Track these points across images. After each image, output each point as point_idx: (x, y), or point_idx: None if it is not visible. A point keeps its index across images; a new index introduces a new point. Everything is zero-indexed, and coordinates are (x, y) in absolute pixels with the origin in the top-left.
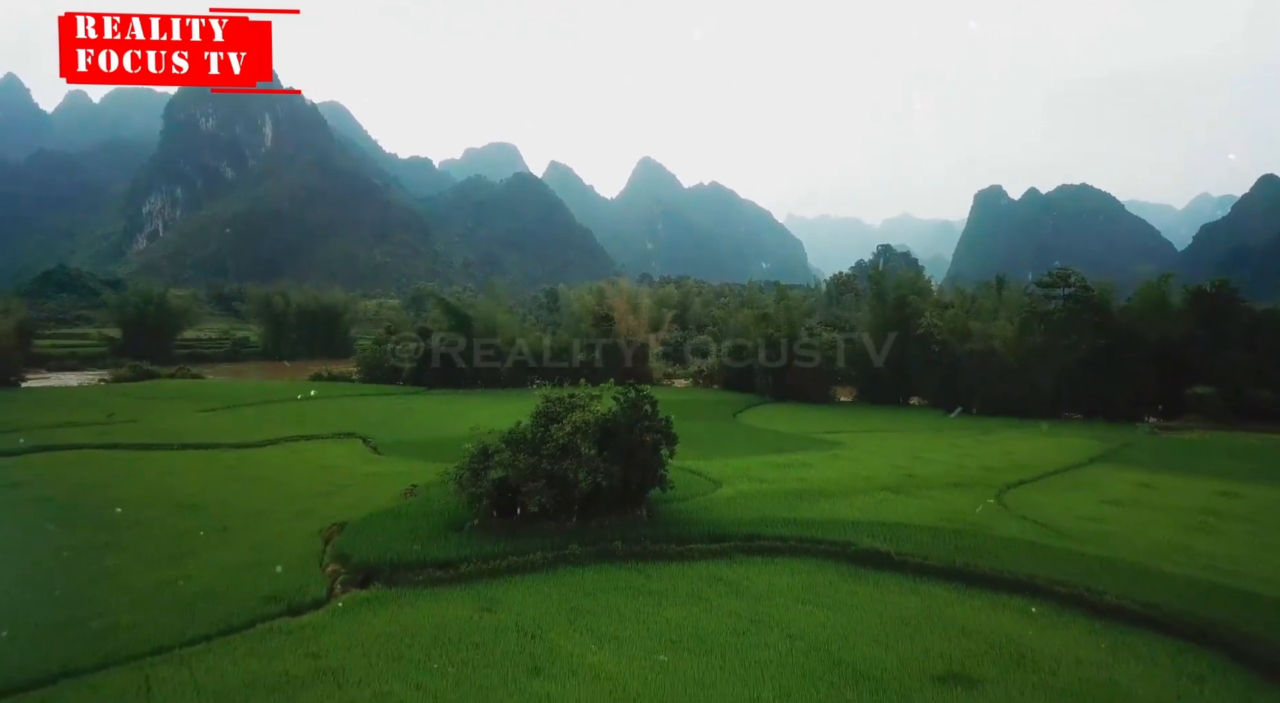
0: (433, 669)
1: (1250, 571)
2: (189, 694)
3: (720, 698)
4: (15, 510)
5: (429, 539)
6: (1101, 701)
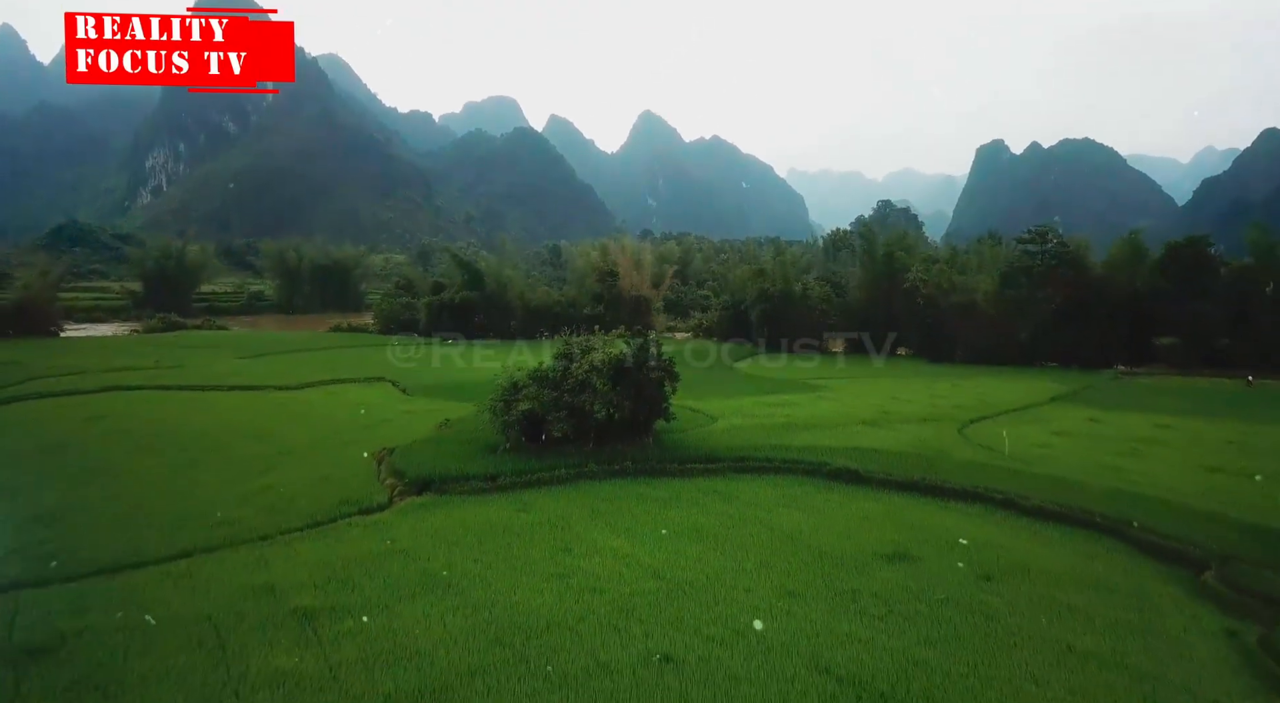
0: (485, 550)
1: (1156, 483)
2: (297, 567)
3: (712, 567)
4: (107, 438)
5: (468, 459)
6: (1011, 569)
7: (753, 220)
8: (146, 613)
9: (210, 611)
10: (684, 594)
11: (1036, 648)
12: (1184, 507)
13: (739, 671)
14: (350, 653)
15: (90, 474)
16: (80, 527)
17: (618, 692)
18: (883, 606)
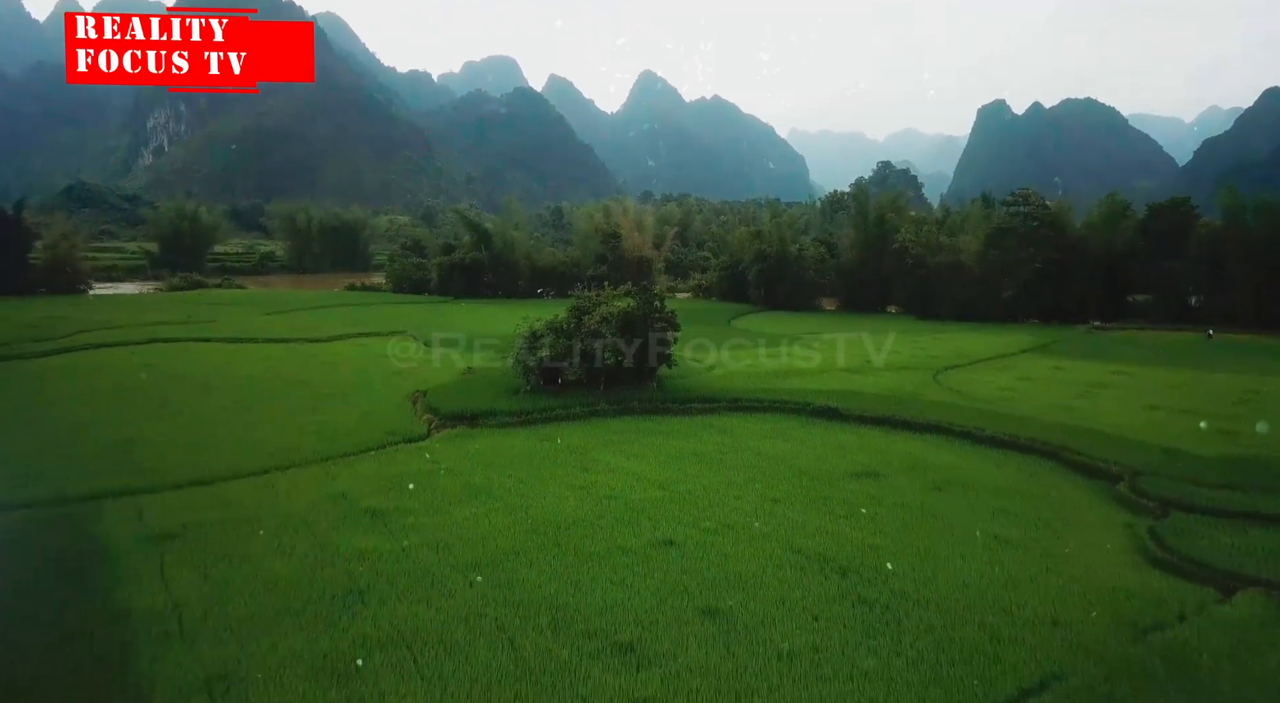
0: (515, 469)
1: (1098, 418)
2: (361, 480)
3: (708, 481)
4: (164, 382)
5: (494, 399)
6: (959, 483)
7: (753, 181)
8: (244, 512)
9: (296, 510)
10: (684, 500)
11: (969, 538)
12: (1115, 436)
13: (728, 551)
14: (416, 539)
15: (159, 411)
16: (166, 450)
17: (632, 565)
18: (848, 508)
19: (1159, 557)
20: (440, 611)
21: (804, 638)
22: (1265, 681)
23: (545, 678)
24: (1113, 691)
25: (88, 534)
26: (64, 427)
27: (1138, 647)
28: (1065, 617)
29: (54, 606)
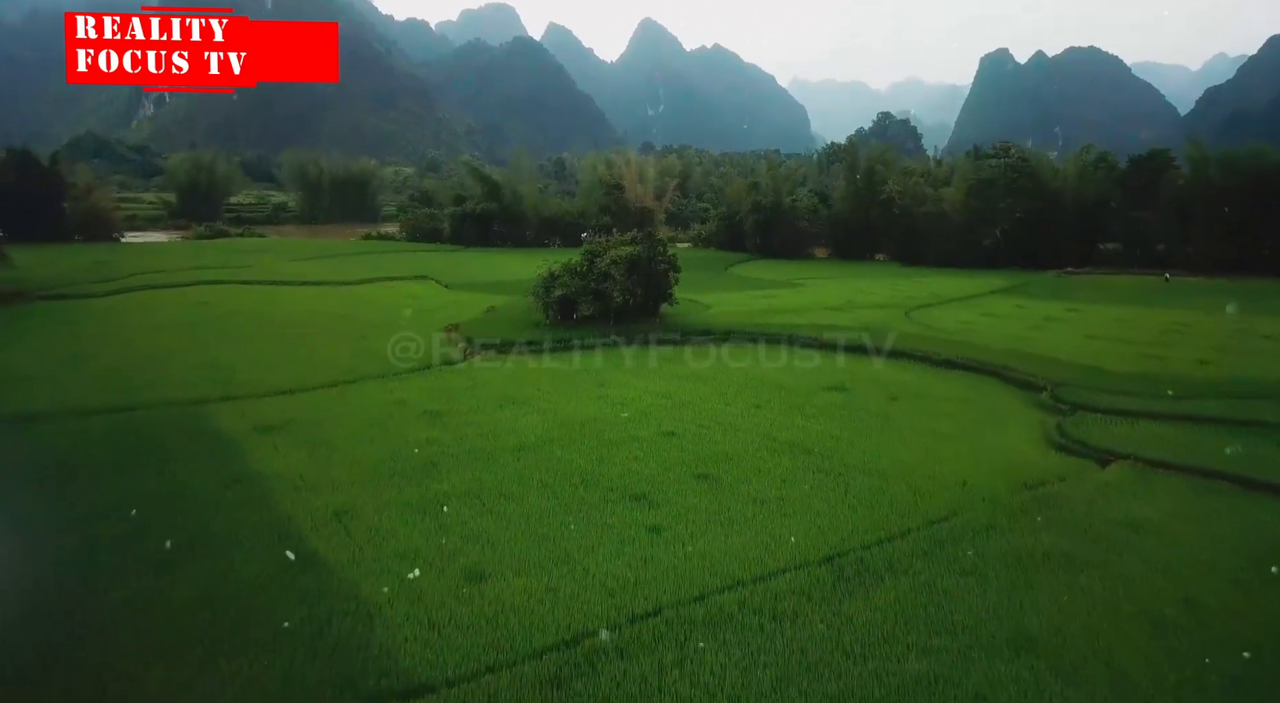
0: (541, 384)
1: (1043, 346)
2: (415, 392)
3: (703, 393)
4: (222, 318)
5: (518, 331)
6: (912, 394)
7: (754, 132)
8: (326, 413)
9: (368, 412)
10: (683, 406)
11: (914, 432)
12: (1051, 358)
13: (718, 439)
14: (469, 431)
15: (227, 339)
16: (246, 369)
17: (642, 447)
18: (818, 411)
19: (1059, 442)
20: (496, 475)
21: (773, 492)
22: (1108, 512)
23: (579, 513)
24: (994, 520)
25: (207, 427)
26: (151, 351)
27: (1022, 495)
28: (973, 480)
29: (207, 469)
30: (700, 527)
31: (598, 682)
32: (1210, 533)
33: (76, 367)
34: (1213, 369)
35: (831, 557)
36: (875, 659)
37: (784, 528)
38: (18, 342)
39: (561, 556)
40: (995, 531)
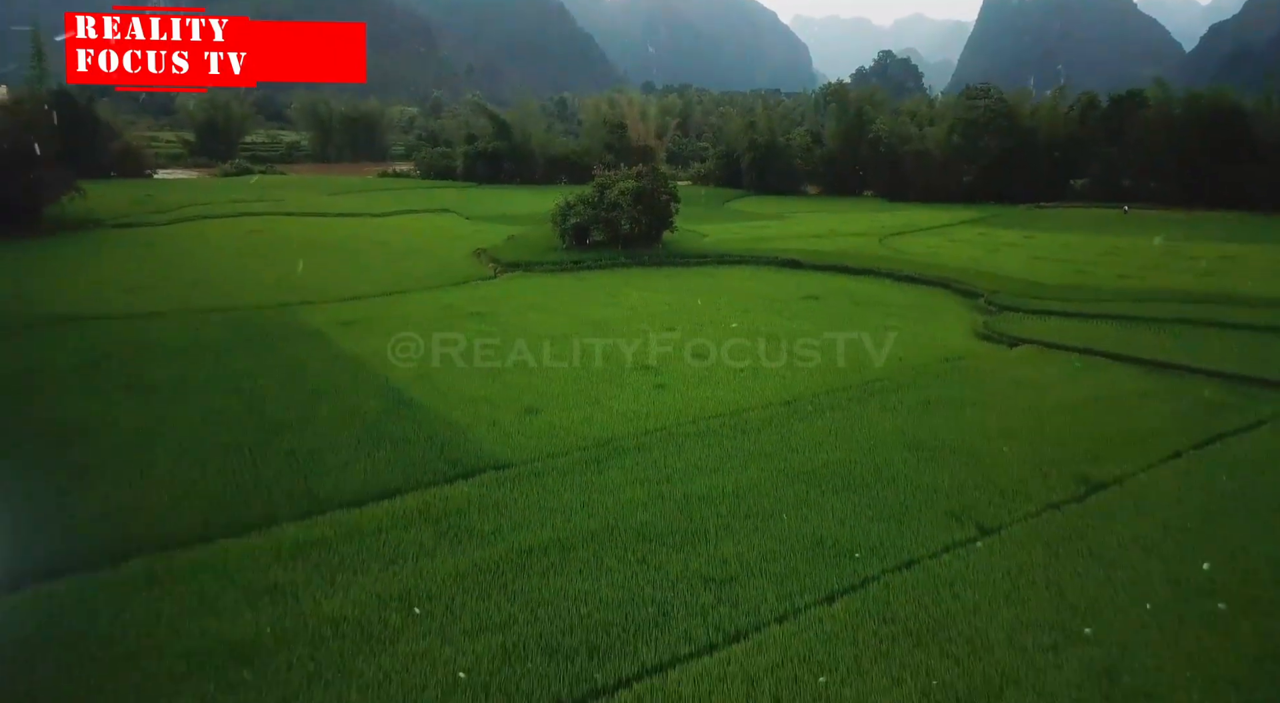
0: (562, 295)
1: (992, 265)
2: (458, 299)
3: (700, 302)
4: (275, 245)
5: (539, 254)
6: (873, 302)
7: (755, 71)
8: (390, 313)
9: (423, 314)
10: (682, 312)
11: (870, 326)
12: (996, 274)
13: (710, 333)
14: (506, 325)
15: (286, 260)
16: (313, 282)
17: (648, 339)
18: (793, 313)
19: (981, 333)
20: (535, 356)
21: (748, 364)
22: (1001, 375)
23: (603, 376)
24: (915, 380)
25: (297, 322)
26: (225, 269)
27: (942, 365)
28: (908, 357)
29: (310, 348)
30: (694, 385)
31: (623, 462)
32: (1073, 387)
33: (169, 280)
34: (1130, 282)
35: (789, 401)
36: (808, 452)
37: (756, 385)
38: (111, 262)
39: (592, 399)
40: (913, 385)
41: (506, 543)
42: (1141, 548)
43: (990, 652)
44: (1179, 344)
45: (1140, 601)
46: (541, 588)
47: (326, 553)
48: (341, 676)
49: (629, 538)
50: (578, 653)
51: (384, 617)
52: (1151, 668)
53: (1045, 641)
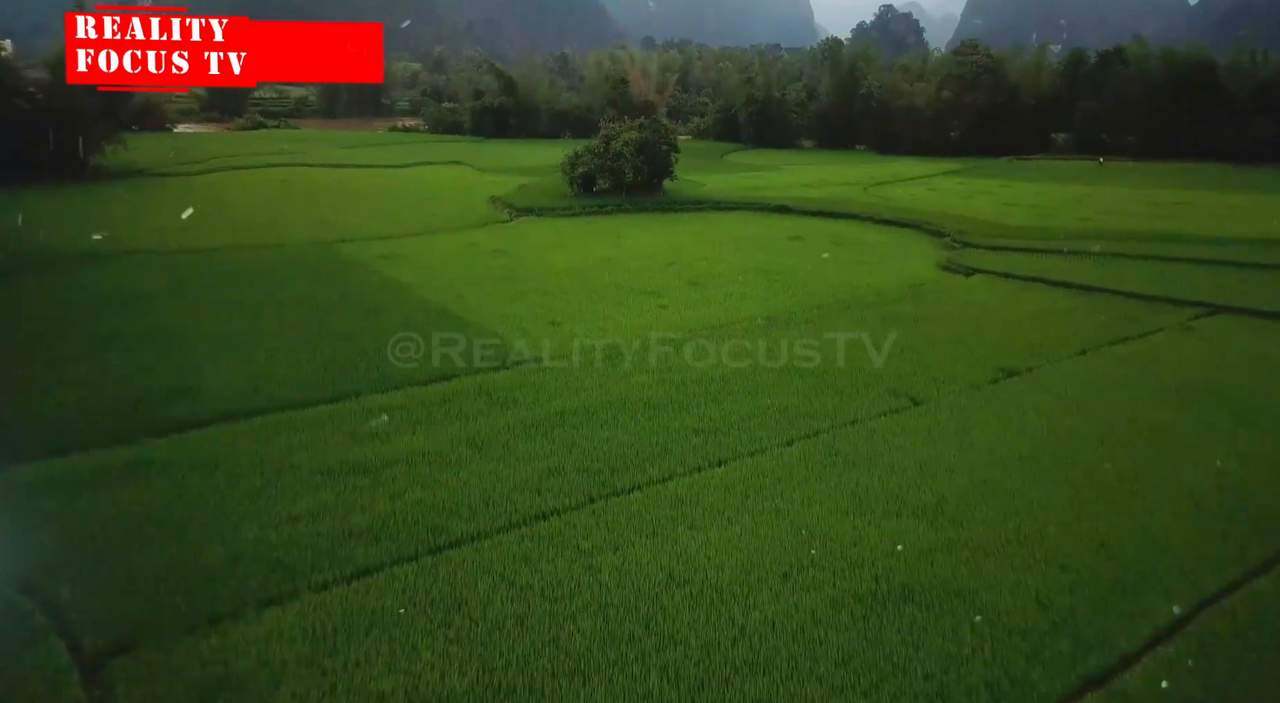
0: (572, 235)
1: (965, 210)
2: (480, 239)
3: (697, 242)
4: (309, 192)
5: (549, 201)
6: (851, 241)
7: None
8: (421, 250)
9: (450, 251)
10: (680, 249)
11: (845, 262)
12: (966, 217)
13: (705, 267)
14: (527, 261)
15: (318, 207)
16: (345, 224)
17: (650, 271)
18: (779, 251)
19: (944, 266)
20: (554, 283)
21: (739, 290)
22: (955, 297)
23: (613, 299)
24: (879, 301)
25: (340, 256)
26: (266, 213)
27: (907, 290)
28: (879, 285)
29: (356, 277)
30: (690, 306)
31: (641, 357)
32: (1013, 306)
33: (217, 222)
34: (1089, 224)
35: (769, 317)
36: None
37: (743, 307)
38: (161, 206)
39: (604, 316)
40: (878, 305)
41: (544, 409)
42: (1033, 411)
43: (903, 473)
44: (1111, 273)
45: (1023, 444)
46: (573, 435)
47: (404, 414)
48: (431, 483)
49: (638, 406)
50: (602, 472)
51: (456, 451)
52: (1020, 485)
53: (945, 466)
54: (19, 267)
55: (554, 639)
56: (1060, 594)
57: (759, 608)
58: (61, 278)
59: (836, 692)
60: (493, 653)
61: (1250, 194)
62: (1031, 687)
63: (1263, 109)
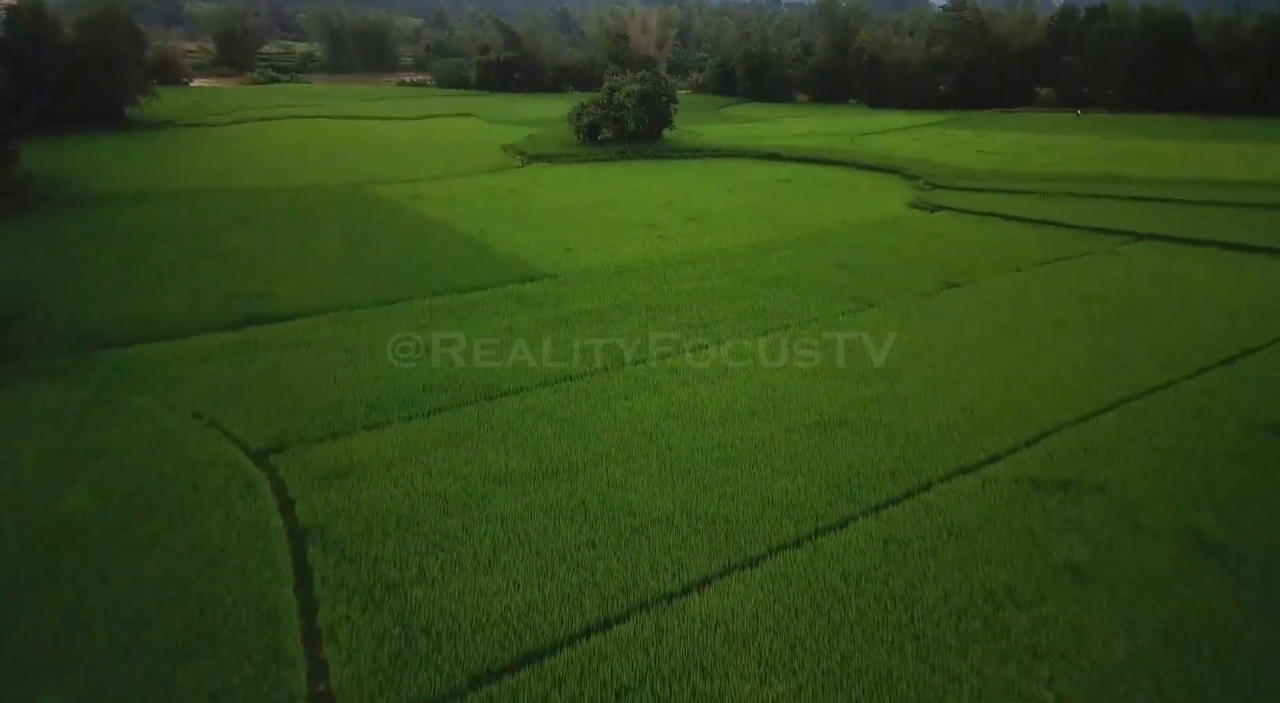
0: (581, 180)
1: (942, 157)
2: (496, 181)
3: (695, 184)
4: (330, 140)
5: (558, 148)
6: (837, 185)
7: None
8: (445, 191)
9: (472, 192)
10: (679, 190)
11: (828, 202)
12: (942, 164)
13: (701, 205)
14: (540, 201)
15: (342, 154)
16: (370, 169)
17: (651, 209)
18: (769, 193)
19: (913, 204)
20: (565, 218)
21: (730, 223)
22: (920, 230)
23: (618, 230)
24: (851, 230)
25: (372, 195)
26: (295, 159)
27: (877, 224)
28: (854, 220)
29: (388, 214)
30: (686, 238)
31: (635, 276)
32: (969, 237)
33: (253, 166)
34: (1051, 169)
35: (755, 244)
36: (763, 269)
37: (733, 237)
38: (197, 153)
39: (610, 244)
40: (850, 236)
41: (563, 310)
42: (964, 311)
43: (856, 358)
44: (1059, 209)
45: (949, 332)
46: (587, 329)
47: (450, 313)
48: (486, 362)
49: (639, 310)
50: (613, 354)
51: (499, 338)
52: (942, 359)
53: (902, 358)
54: (94, 201)
55: (583, 445)
56: (958, 424)
57: (731, 431)
58: (133, 211)
59: (784, 475)
60: (540, 453)
61: (1205, 143)
62: (920, 472)
63: (1233, 64)
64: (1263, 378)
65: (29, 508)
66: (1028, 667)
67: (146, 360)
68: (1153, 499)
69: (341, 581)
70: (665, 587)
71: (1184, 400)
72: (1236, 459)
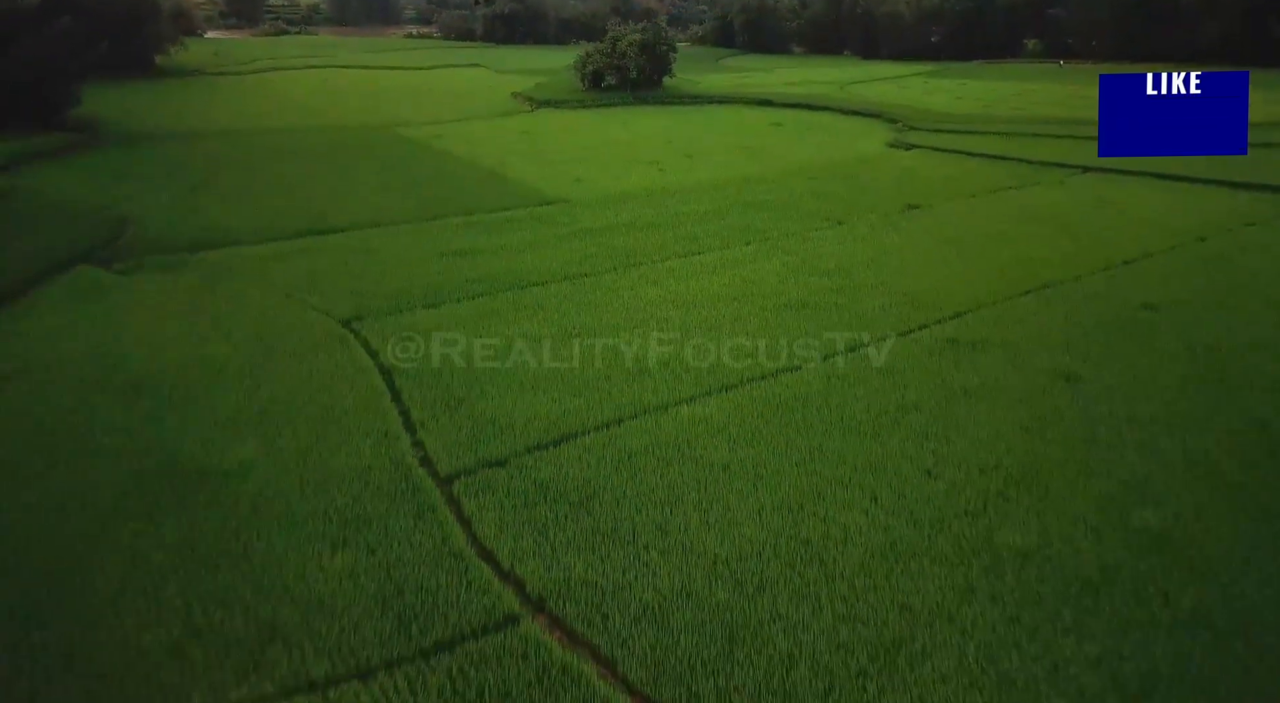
0: (588, 124)
1: (923, 103)
2: (508, 123)
3: (693, 128)
4: (343, 90)
5: (564, 95)
6: (825, 128)
7: None
8: (472, 133)
9: (486, 134)
10: (678, 131)
11: (814, 144)
12: (921, 109)
13: (696, 145)
14: (549, 141)
15: (358, 101)
16: (393, 115)
17: (654, 147)
18: (760, 135)
19: (890, 144)
20: (574, 155)
21: (724, 160)
22: (890, 165)
23: (622, 166)
24: (824, 169)
25: (395, 136)
26: (318, 104)
27: (856, 162)
28: (836, 158)
29: (409, 151)
30: (684, 171)
31: (638, 202)
32: (936, 170)
33: (282, 110)
34: (1020, 112)
35: (746, 177)
36: (751, 196)
37: (726, 171)
38: (228, 98)
39: (615, 177)
40: (831, 170)
41: (576, 226)
42: (920, 227)
43: (818, 257)
44: (1019, 147)
45: (903, 243)
46: (596, 240)
47: (482, 228)
48: (509, 260)
49: (641, 227)
50: (618, 256)
51: (521, 246)
52: (894, 263)
53: (847, 253)
54: (151, 139)
55: (597, 318)
56: (898, 306)
57: (715, 310)
58: (187, 147)
59: (757, 337)
60: (562, 322)
61: None
62: (862, 337)
63: (1210, 14)
64: (1150, 272)
65: (182, 349)
66: (920, 442)
67: (234, 260)
68: (1039, 349)
69: (423, 398)
70: (662, 401)
71: (1085, 289)
72: (1111, 326)
